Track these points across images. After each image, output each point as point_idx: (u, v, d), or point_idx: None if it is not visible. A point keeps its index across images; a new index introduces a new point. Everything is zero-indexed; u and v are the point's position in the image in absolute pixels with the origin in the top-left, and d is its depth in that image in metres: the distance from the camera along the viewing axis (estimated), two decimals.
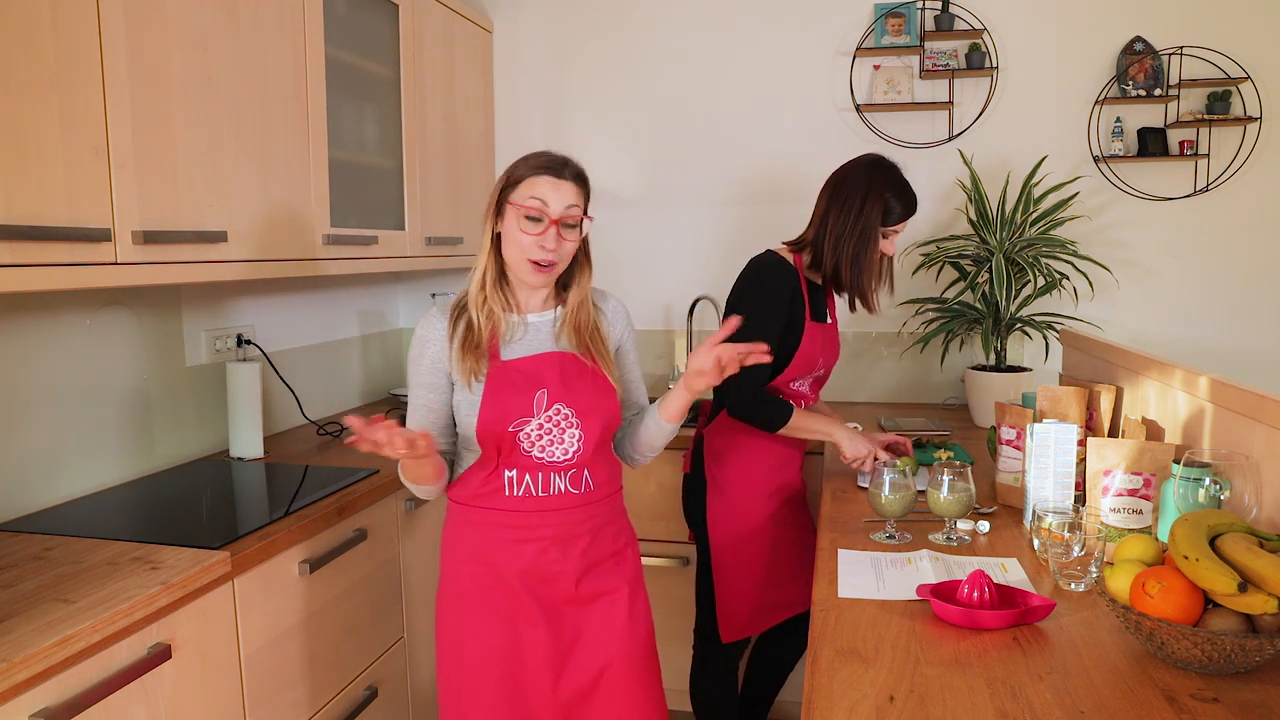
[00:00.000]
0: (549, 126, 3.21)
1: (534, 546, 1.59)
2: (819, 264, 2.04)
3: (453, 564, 1.64)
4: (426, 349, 1.59)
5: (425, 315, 1.62)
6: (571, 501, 1.60)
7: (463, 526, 1.63)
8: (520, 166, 1.58)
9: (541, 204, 1.53)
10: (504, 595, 1.59)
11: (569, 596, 1.62)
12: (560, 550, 1.60)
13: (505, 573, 1.59)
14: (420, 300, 3.32)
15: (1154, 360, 1.78)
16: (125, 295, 2.05)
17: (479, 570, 1.60)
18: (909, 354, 3.02)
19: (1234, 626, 1.09)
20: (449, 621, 1.64)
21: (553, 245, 1.53)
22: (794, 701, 2.71)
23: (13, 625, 1.24)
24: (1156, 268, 2.89)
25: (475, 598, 1.60)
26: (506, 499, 1.58)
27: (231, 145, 1.86)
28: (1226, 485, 1.36)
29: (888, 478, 1.63)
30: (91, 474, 1.96)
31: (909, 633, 1.25)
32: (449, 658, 1.63)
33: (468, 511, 1.62)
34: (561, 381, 1.57)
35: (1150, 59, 2.80)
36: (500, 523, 1.59)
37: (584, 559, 1.62)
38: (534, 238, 1.52)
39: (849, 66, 2.97)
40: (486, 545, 1.60)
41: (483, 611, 1.60)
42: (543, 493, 1.58)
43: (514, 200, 1.55)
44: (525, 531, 1.58)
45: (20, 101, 1.38)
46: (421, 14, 2.65)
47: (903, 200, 2.00)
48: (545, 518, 1.59)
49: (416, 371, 1.60)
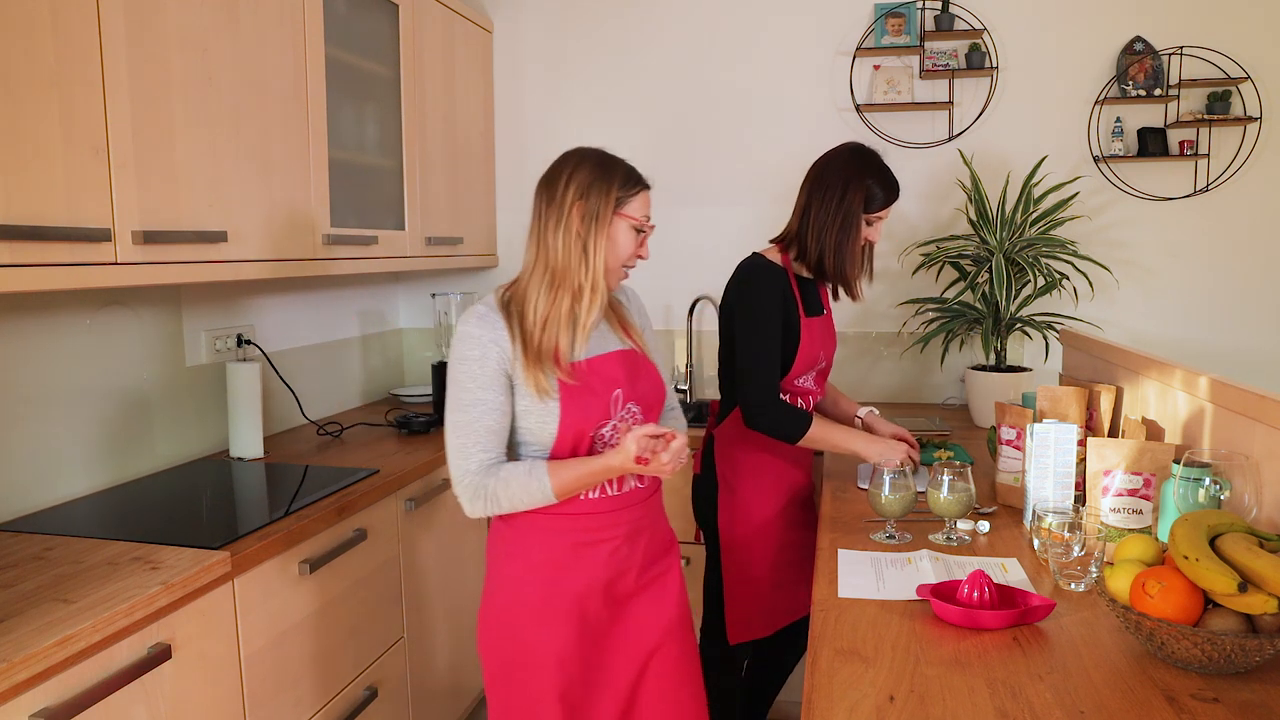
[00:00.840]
0: (549, 126, 3.21)
1: (609, 546, 1.58)
2: (804, 255, 2.03)
3: (514, 575, 1.58)
4: (489, 350, 1.50)
5: (474, 314, 1.55)
6: (640, 496, 1.63)
7: (530, 535, 1.57)
8: (626, 182, 1.59)
9: (647, 218, 1.62)
10: (573, 605, 1.56)
11: (631, 590, 1.63)
12: (630, 547, 1.61)
13: (576, 581, 1.56)
14: (420, 300, 3.32)
15: (1154, 360, 1.78)
16: (125, 295, 2.05)
17: (547, 579, 1.56)
18: (909, 354, 3.02)
19: (1234, 626, 1.09)
20: (508, 636, 1.58)
21: (648, 255, 1.64)
22: (794, 701, 2.71)
23: (13, 625, 1.24)
24: (1156, 268, 2.89)
25: (540, 611, 1.56)
26: (583, 503, 1.56)
27: (231, 145, 1.86)
28: (1226, 485, 1.36)
29: (888, 478, 1.63)
30: (92, 474, 1.96)
31: (909, 633, 1.25)
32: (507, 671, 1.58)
33: (537, 519, 1.56)
34: (629, 380, 1.59)
35: (1150, 59, 2.80)
36: (575, 527, 1.56)
37: (646, 553, 1.65)
38: (633, 248, 1.61)
39: (849, 66, 2.97)
40: (557, 552, 1.56)
41: (548, 624, 1.55)
42: (617, 491, 1.59)
43: (627, 213, 1.58)
44: (601, 532, 1.58)
45: (20, 101, 1.38)
46: (421, 14, 2.65)
47: (884, 186, 1.99)
48: (620, 516, 1.59)
49: (480, 373, 1.50)
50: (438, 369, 2.74)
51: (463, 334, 1.53)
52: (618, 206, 1.57)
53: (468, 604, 2.61)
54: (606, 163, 1.60)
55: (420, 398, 3.00)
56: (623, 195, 1.58)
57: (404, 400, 3.03)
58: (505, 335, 1.52)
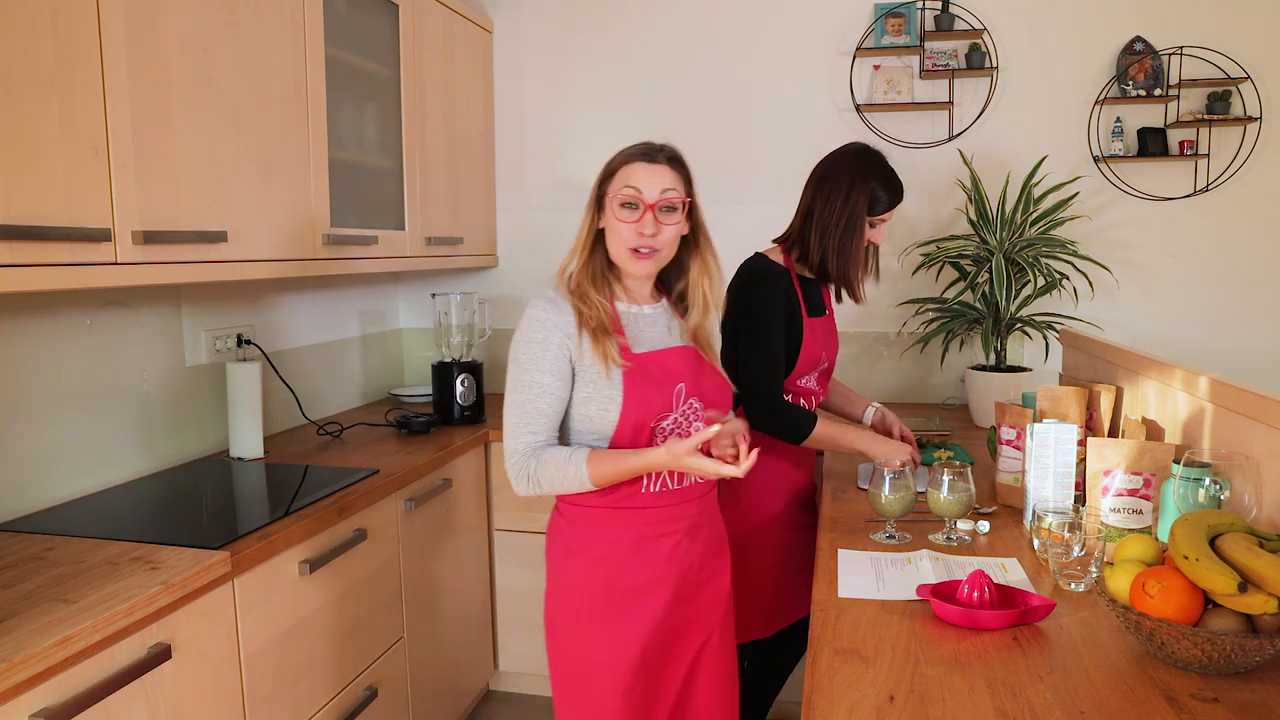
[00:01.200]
0: (549, 126, 3.21)
1: (670, 541, 1.59)
2: (806, 257, 2.03)
3: (577, 570, 1.58)
4: (554, 333, 1.51)
5: (543, 298, 1.56)
6: (699, 491, 1.63)
7: (592, 529, 1.58)
8: (615, 158, 1.58)
9: (635, 191, 1.52)
10: (635, 600, 1.57)
11: (691, 586, 1.63)
12: (690, 542, 1.61)
13: (639, 575, 1.57)
14: (420, 300, 3.32)
15: (1154, 360, 1.78)
16: (125, 295, 2.05)
17: (609, 574, 1.56)
18: (909, 354, 3.02)
19: (1234, 626, 1.09)
20: (573, 631, 1.59)
21: (651, 230, 1.52)
22: (794, 701, 2.71)
23: (13, 625, 1.24)
24: (1156, 268, 2.89)
25: (604, 604, 1.56)
26: (644, 496, 1.56)
27: (231, 145, 1.86)
28: (1226, 485, 1.36)
29: (888, 478, 1.63)
30: (91, 474, 1.96)
31: (909, 633, 1.25)
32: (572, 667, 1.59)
33: (598, 513, 1.57)
34: (693, 376, 1.59)
35: (1150, 59, 2.79)
36: (638, 521, 1.56)
37: (704, 549, 1.65)
38: (632, 225, 1.52)
39: (849, 66, 2.97)
40: (620, 546, 1.57)
41: (612, 619, 1.56)
42: (676, 485, 1.59)
43: (610, 191, 1.55)
44: (663, 527, 1.58)
45: (20, 101, 1.38)
46: (421, 14, 2.65)
47: (889, 188, 1.99)
48: (681, 510, 1.60)
49: (542, 356, 1.51)
50: (438, 369, 2.74)
51: (530, 316, 1.54)
52: (604, 186, 1.56)
53: (468, 604, 2.61)
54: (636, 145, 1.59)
55: (420, 398, 3.00)
56: (607, 172, 1.57)
57: (404, 400, 3.03)
58: (572, 320, 1.53)
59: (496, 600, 2.81)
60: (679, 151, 1.60)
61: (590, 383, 1.52)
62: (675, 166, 1.58)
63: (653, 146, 1.57)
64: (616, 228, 1.54)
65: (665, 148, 1.58)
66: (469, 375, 2.73)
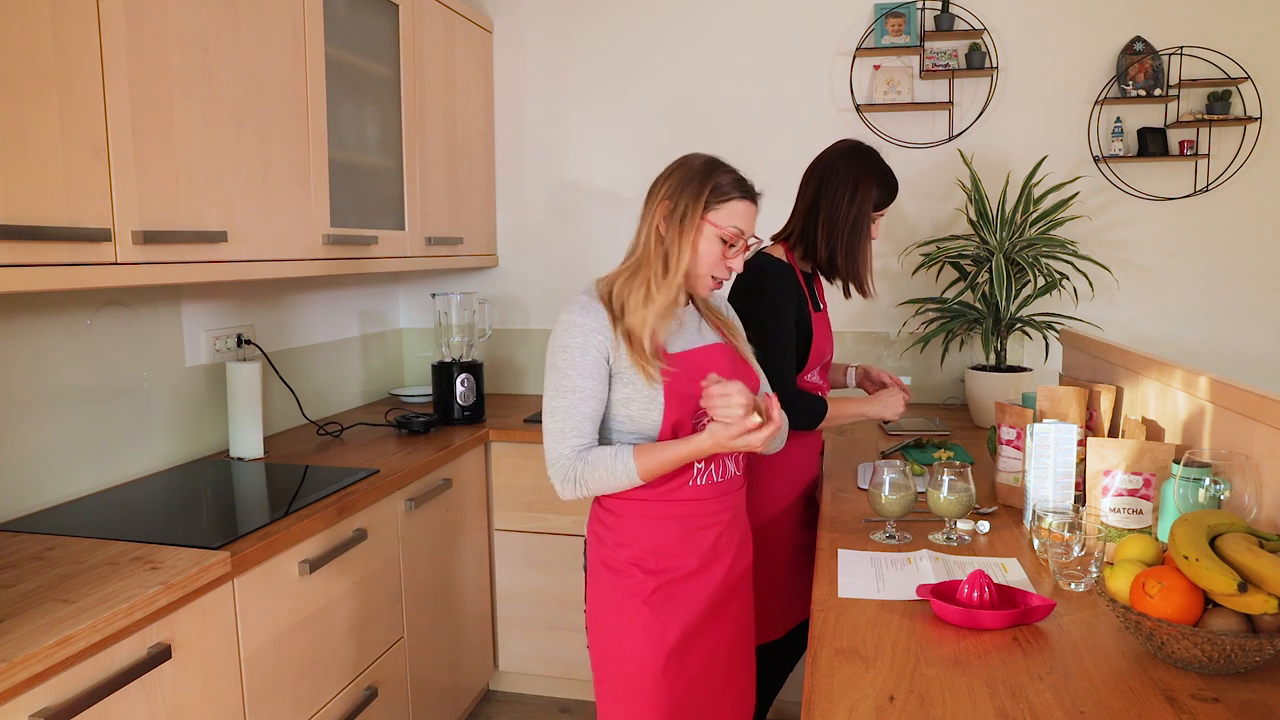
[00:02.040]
0: (549, 126, 3.21)
1: (714, 532, 1.62)
2: (811, 254, 2.05)
3: (620, 566, 1.61)
4: (591, 338, 1.54)
5: (578, 304, 1.57)
6: (737, 484, 1.67)
7: (637, 523, 1.60)
8: (725, 183, 1.58)
9: (741, 231, 1.57)
10: (677, 592, 1.60)
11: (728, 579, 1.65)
12: (731, 532, 1.65)
13: (683, 566, 1.60)
14: (420, 300, 3.32)
15: (1154, 360, 1.78)
16: (125, 295, 2.05)
17: (653, 568, 1.59)
18: (909, 354, 3.02)
19: (1234, 626, 1.09)
20: (616, 627, 1.60)
21: (739, 265, 1.59)
22: (794, 701, 2.71)
23: (13, 625, 1.24)
24: (1156, 268, 2.89)
25: (648, 601, 1.58)
26: (690, 489, 1.59)
27: (231, 145, 1.86)
28: (1226, 485, 1.36)
29: (888, 478, 1.63)
30: (91, 474, 1.96)
31: (909, 633, 1.25)
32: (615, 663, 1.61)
33: (646, 506, 1.59)
34: (731, 372, 1.61)
35: (1150, 59, 2.79)
36: (684, 513, 1.60)
37: (739, 540, 1.69)
38: (725, 260, 1.58)
39: (849, 66, 2.97)
40: (668, 539, 1.59)
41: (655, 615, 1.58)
42: (720, 478, 1.63)
43: (716, 221, 1.57)
44: (709, 518, 1.62)
45: (20, 101, 1.38)
46: (421, 14, 2.65)
47: (889, 186, 2.03)
48: (724, 501, 1.63)
49: (581, 360, 1.54)
50: (438, 369, 2.74)
51: (566, 322, 1.56)
52: (705, 211, 1.57)
53: (468, 604, 2.61)
54: (710, 166, 1.60)
55: (420, 398, 3.00)
56: (712, 201, 1.57)
57: (404, 400, 3.03)
58: (607, 324, 1.55)
59: (496, 600, 2.81)
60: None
61: (630, 384, 1.55)
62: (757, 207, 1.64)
63: (751, 185, 1.62)
64: (711, 257, 1.58)
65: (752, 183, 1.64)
66: (469, 375, 2.73)
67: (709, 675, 1.66)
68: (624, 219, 3.16)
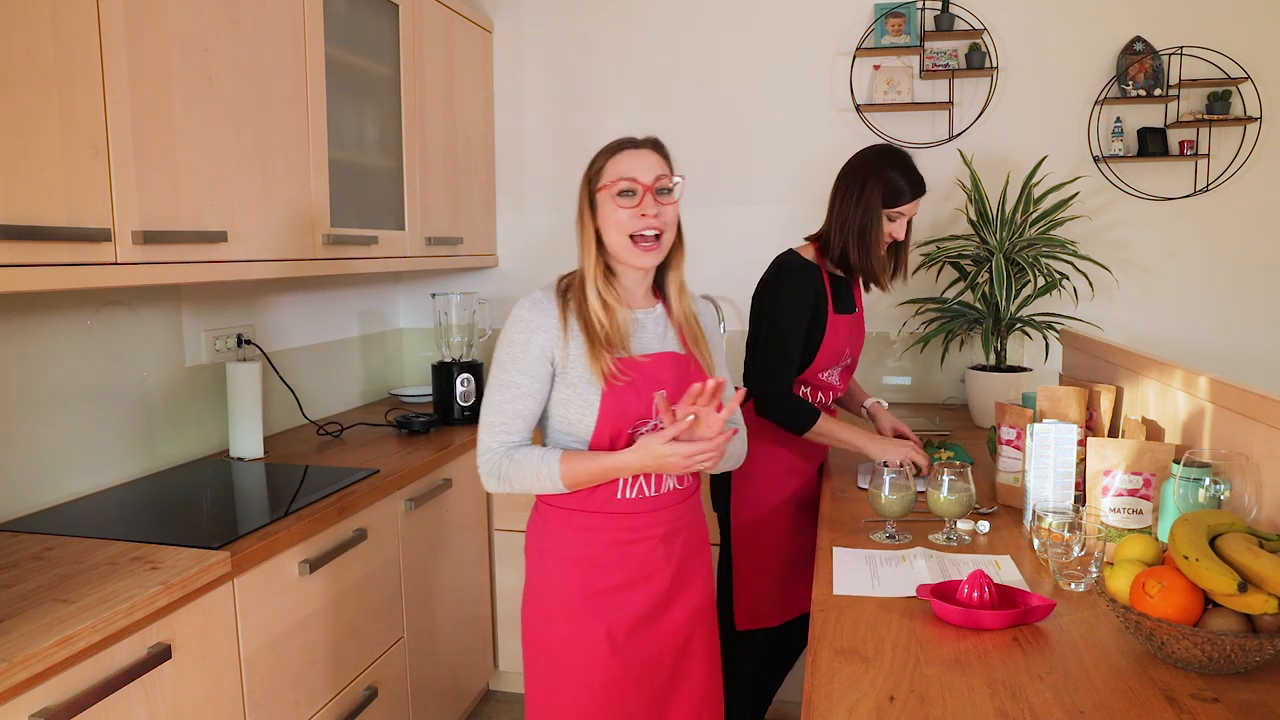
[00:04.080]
0: (549, 126, 3.21)
1: (644, 547, 1.58)
2: (828, 251, 2.07)
3: (551, 570, 1.59)
4: (536, 335, 1.52)
5: (530, 299, 1.56)
6: (677, 498, 1.62)
7: (565, 531, 1.58)
8: (598, 156, 1.57)
9: (630, 178, 1.51)
10: (609, 601, 1.57)
11: (667, 592, 1.62)
12: (666, 548, 1.60)
13: (611, 578, 1.57)
14: (420, 300, 3.32)
15: (1154, 360, 1.78)
16: (125, 295, 2.05)
17: (582, 576, 1.56)
18: (909, 354, 3.02)
19: (1234, 626, 1.09)
20: (546, 629, 1.59)
21: (654, 211, 1.51)
22: (794, 702, 2.71)
23: (13, 625, 1.24)
24: (1156, 268, 2.89)
25: (578, 605, 1.56)
26: (619, 502, 1.55)
27: (231, 145, 1.86)
28: (1226, 485, 1.36)
29: (888, 478, 1.63)
30: (91, 474, 1.96)
31: (909, 633, 1.25)
32: (544, 664, 1.60)
33: (572, 515, 1.57)
34: (676, 383, 1.57)
35: (1150, 59, 2.79)
36: (612, 525, 1.56)
37: (682, 553, 1.63)
38: (632, 210, 1.51)
39: (849, 66, 2.97)
40: (594, 550, 1.56)
41: (585, 618, 1.56)
42: (654, 492, 1.58)
43: (603, 185, 1.53)
44: (637, 533, 1.57)
45: (20, 101, 1.37)
46: (421, 14, 2.65)
47: (905, 181, 2.01)
48: (657, 517, 1.59)
49: (522, 357, 1.53)
50: (438, 369, 2.74)
51: (514, 317, 1.55)
52: (598, 179, 1.55)
53: (468, 604, 2.61)
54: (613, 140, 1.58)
55: (420, 398, 3.00)
56: (594, 171, 1.56)
57: (404, 400, 3.03)
58: (556, 322, 1.53)
59: (496, 600, 2.81)
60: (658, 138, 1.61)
61: (570, 385, 1.52)
62: (660, 151, 1.58)
63: (632, 137, 1.57)
64: (616, 218, 1.52)
65: (646, 137, 1.58)
66: (469, 375, 2.73)
67: (644, 689, 1.60)
68: None
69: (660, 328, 1.62)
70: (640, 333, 1.59)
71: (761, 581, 2.12)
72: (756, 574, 2.12)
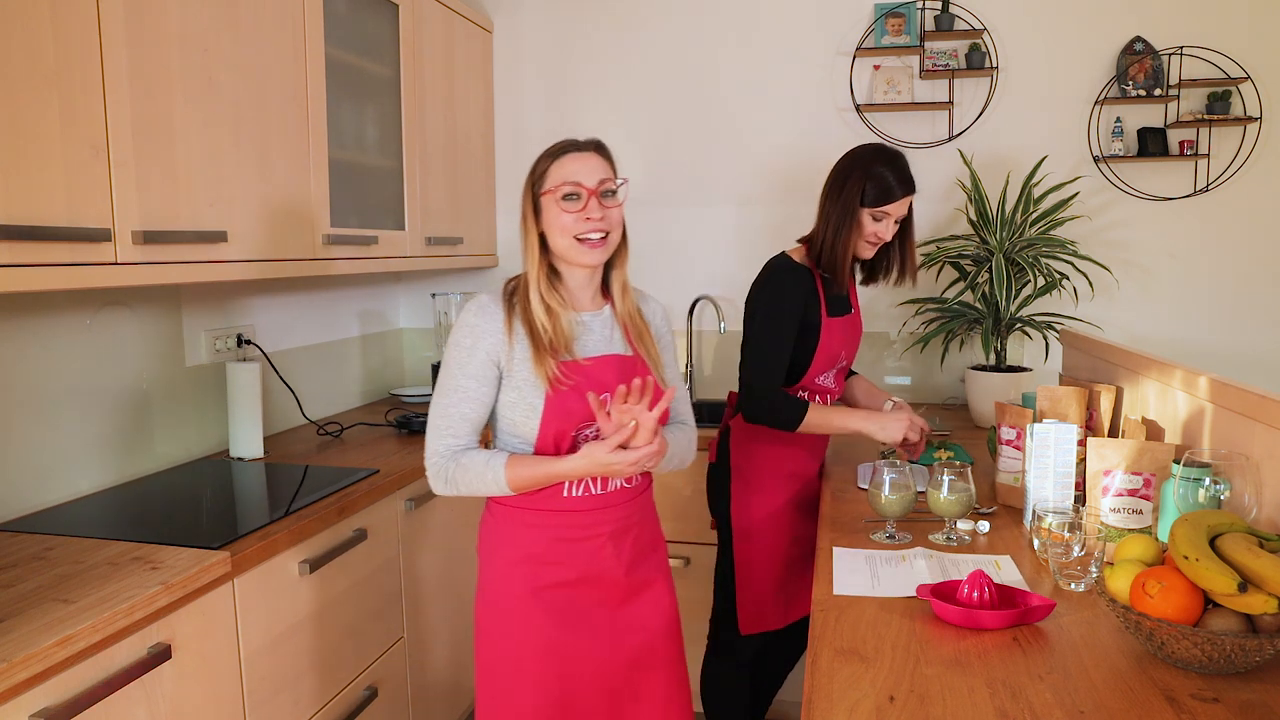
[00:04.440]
0: (549, 127, 3.21)
1: (591, 545, 1.58)
2: (815, 251, 2.05)
3: (500, 567, 1.60)
4: (481, 340, 1.54)
5: (476, 303, 1.57)
6: (625, 496, 1.61)
7: (512, 528, 1.59)
8: (540, 160, 1.58)
9: (574, 182, 1.52)
10: (557, 597, 1.57)
11: (620, 590, 1.62)
12: (615, 546, 1.60)
13: (558, 574, 1.57)
14: (420, 300, 3.32)
15: (1154, 360, 1.78)
16: (125, 295, 2.05)
17: (532, 571, 1.57)
18: (909, 354, 3.02)
19: (1234, 626, 1.09)
20: (497, 624, 1.60)
21: (598, 214, 1.52)
22: (794, 702, 2.71)
23: (13, 625, 1.24)
24: (1156, 268, 2.89)
25: (527, 599, 1.57)
26: (565, 500, 1.56)
27: (231, 145, 1.86)
28: (1226, 485, 1.36)
29: (888, 478, 1.63)
30: (92, 474, 1.96)
31: (909, 633, 1.25)
32: (494, 661, 1.60)
33: (519, 514, 1.58)
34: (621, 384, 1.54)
35: (1150, 59, 2.79)
36: (557, 523, 1.57)
37: (632, 551, 1.63)
38: (577, 214, 1.52)
39: (849, 66, 2.97)
40: (540, 547, 1.57)
41: (534, 614, 1.57)
42: (601, 490, 1.58)
43: (547, 189, 1.55)
44: (583, 530, 1.57)
45: (20, 101, 1.38)
46: (421, 14, 2.65)
47: (888, 180, 1.97)
48: (603, 515, 1.59)
49: (468, 361, 1.54)
50: (438, 369, 2.74)
51: (460, 321, 1.57)
52: (541, 183, 1.57)
53: (468, 604, 2.61)
54: (555, 144, 1.59)
55: (420, 398, 3.00)
56: (537, 175, 1.57)
57: (404, 400, 3.03)
58: (501, 326, 1.54)
59: None
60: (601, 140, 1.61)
61: (516, 388, 1.53)
62: (604, 154, 1.58)
63: (574, 139, 1.58)
64: (560, 221, 1.54)
65: (589, 139, 1.59)
66: None
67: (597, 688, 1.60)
68: None
69: (607, 329, 1.63)
70: (586, 335, 1.60)
71: (764, 585, 2.11)
72: (759, 578, 2.11)
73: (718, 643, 2.25)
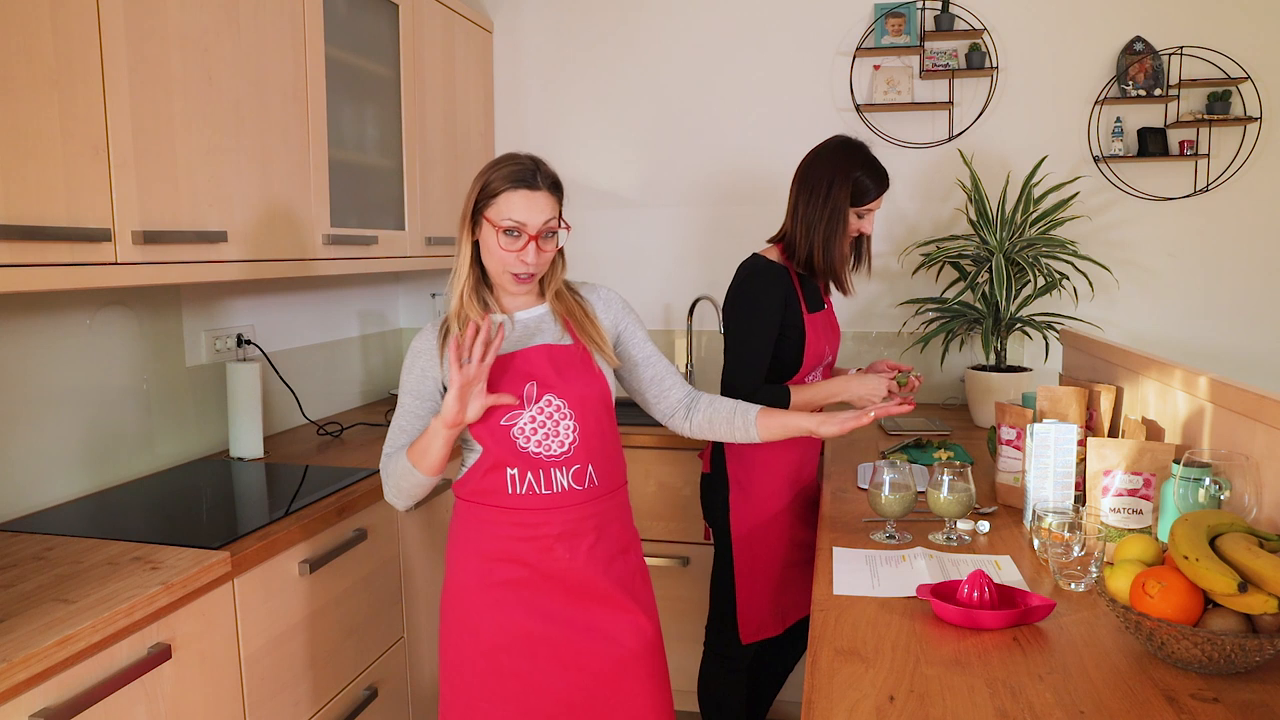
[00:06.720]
0: (548, 126, 3.21)
1: (540, 544, 1.58)
2: (793, 253, 2.04)
3: (459, 561, 1.64)
4: (417, 359, 1.62)
5: (422, 330, 1.66)
6: (576, 498, 1.60)
7: (469, 523, 1.63)
8: (494, 179, 1.56)
9: (519, 222, 1.53)
10: (511, 592, 1.59)
11: (578, 593, 1.61)
12: (567, 548, 1.59)
13: (513, 570, 1.59)
14: (420, 300, 3.32)
15: (1154, 360, 1.78)
16: (125, 295, 2.05)
17: (486, 567, 1.60)
18: (909, 354, 3.02)
19: (1234, 626, 1.09)
20: (454, 618, 1.63)
21: (532, 259, 1.54)
22: (794, 702, 2.72)
23: (13, 625, 1.24)
24: (1156, 268, 2.89)
25: (482, 594, 1.60)
26: (510, 497, 1.58)
27: (231, 145, 1.86)
28: (1226, 485, 1.36)
29: (888, 478, 1.63)
30: (92, 474, 1.96)
31: (909, 633, 1.25)
32: (453, 654, 1.63)
33: (474, 509, 1.62)
34: (553, 371, 1.59)
35: (1150, 59, 2.79)
36: (505, 520, 1.59)
37: (591, 556, 1.61)
38: (514, 254, 1.54)
39: (849, 66, 2.97)
40: (493, 542, 1.59)
41: (490, 608, 1.59)
42: (545, 490, 1.58)
43: (490, 217, 1.55)
44: (530, 529, 1.58)
45: (20, 101, 1.38)
46: (421, 14, 2.65)
47: (872, 178, 1.99)
48: (549, 515, 1.58)
49: (407, 379, 1.63)
50: None
51: (411, 345, 1.66)
52: (487, 205, 1.56)
53: None
54: (494, 163, 1.59)
55: None
56: (486, 194, 1.56)
57: None
58: (433, 346, 1.62)
59: None
60: (554, 172, 1.61)
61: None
62: (554, 191, 1.58)
63: (528, 170, 1.56)
64: (498, 253, 1.55)
65: (541, 169, 1.57)
66: None
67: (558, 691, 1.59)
68: (624, 219, 3.18)
69: (538, 324, 1.65)
70: (515, 332, 1.63)
71: (764, 594, 2.10)
72: (759, 588, 2.09)
73: (715, 648, 2.24)
